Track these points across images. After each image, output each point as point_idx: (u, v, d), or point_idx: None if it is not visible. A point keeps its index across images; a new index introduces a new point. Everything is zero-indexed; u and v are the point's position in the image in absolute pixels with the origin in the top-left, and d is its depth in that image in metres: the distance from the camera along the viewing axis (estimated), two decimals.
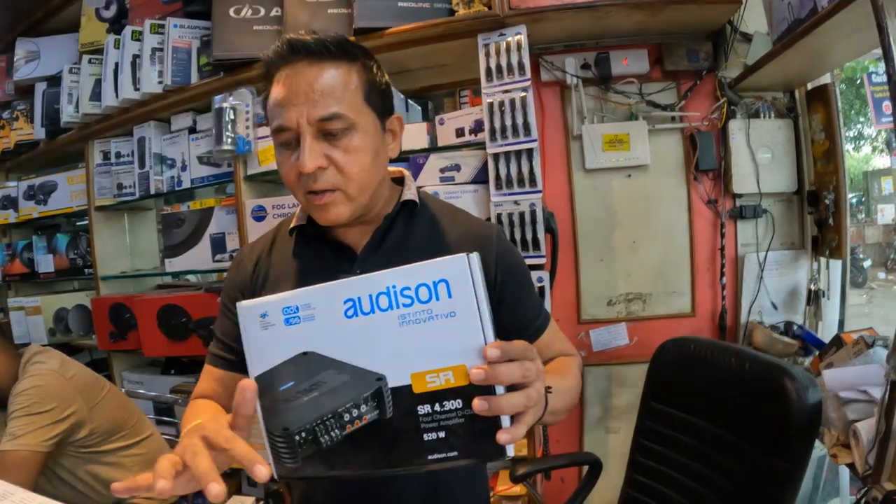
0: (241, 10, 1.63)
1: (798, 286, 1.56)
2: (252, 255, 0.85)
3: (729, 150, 1.54)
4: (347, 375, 0.53)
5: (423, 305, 0.51)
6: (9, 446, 1.21)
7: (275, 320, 0.55)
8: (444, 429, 0.52)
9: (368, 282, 0.53)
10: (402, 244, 0.79)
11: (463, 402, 0.51)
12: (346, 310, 0.53)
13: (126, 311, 1.89)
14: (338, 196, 0.72)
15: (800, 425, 0.93)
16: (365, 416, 0.53)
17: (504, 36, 1.43)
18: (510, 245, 0.86)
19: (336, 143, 0.70)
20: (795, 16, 1.30)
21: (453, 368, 0.51)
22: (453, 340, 0.51)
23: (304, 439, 0.54)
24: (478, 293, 0.50)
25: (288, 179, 0.73)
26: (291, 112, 0.69)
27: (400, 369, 0.52)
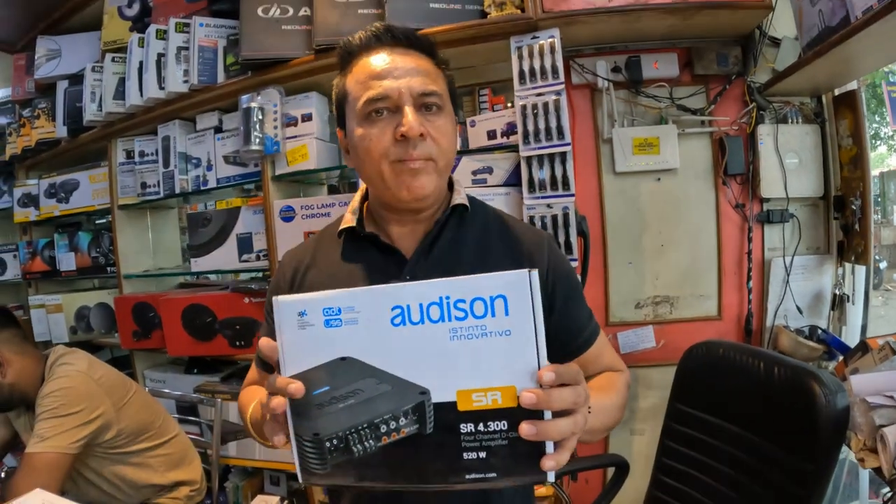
0: (269, 9, 1.62)
1: (823, 291, 1.58)
2: (291, 262, 0.84)
3: (757, 155, 1.55)
4: (388, 386, 0.51)
5: (477, 321, 0.49)
6: (37, 448, 1.21)
7: (314, 320, 0.52)
8: (486, 449, 0.50)
9: (420, 290, 0.50)
10: (452, 249, 0.78)
11: (508, 424, 0.49)
12: (392, 317, 0.50)
13: (150, 310, 1.89)
14: (430, 165, 0.73)
15: (828, 429, 0.94)
16: (403, 429, 0.51)
17: (537, 39, 1.44)
18: (561, 253, 0.85)
19: (432, 119, 0.73)
20: (826, 23, 1.31)
21: (502, 389, 0.49)
22: (505, 360, 0.49)
23: (336, 447, 0.52)
24: (536, 313, 0.48)
25: (376, 149, 0.72)
26: (392, 83, 0.71)
27: (445, 384, 0.50)
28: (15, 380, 1.33)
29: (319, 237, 0.87)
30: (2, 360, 1.32)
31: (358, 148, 0.74)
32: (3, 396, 1.33)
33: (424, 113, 0.73)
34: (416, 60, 0.74)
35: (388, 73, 0.71)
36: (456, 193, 0.81)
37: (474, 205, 0.83)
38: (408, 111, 0.71)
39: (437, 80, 0.75)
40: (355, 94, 0.74)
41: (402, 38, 0.74)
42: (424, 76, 0.73)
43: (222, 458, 1.80)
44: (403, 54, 0.74)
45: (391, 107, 0.72)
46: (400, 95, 0.71)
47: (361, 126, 0.73)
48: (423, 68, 0.73)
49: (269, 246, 1.69)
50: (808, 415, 0.96)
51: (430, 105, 0.73)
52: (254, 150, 1.62)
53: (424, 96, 0.72)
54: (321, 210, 1.63)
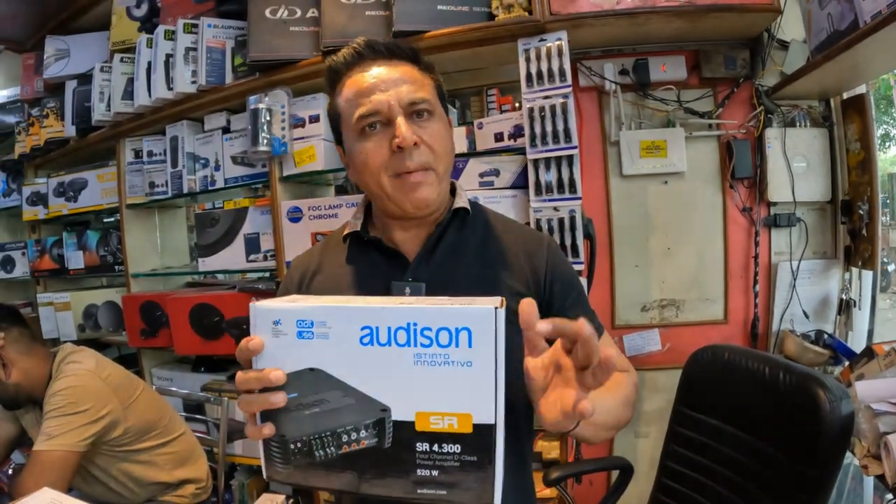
0: (277, 10, 1.63)
1: (829, 295, 1.57)
2: (299, 267, 0.86)
3: (765, 159, 1.55)
4: (352, 399, 0.53)
5: (440, 349, 0.51)
6: (45, 446, 1.23)
7: (287, 330, 0.54)
8: (438, 468, 0.53)
9: (389, 313, 0.52)
10: (453, 252, 0.80)
11: (461, 448, 0.52)
12: (361, 336, 0.53)
13: (157, 309, 1.91)
14: (430, 176, 0.75)
15: (832, 435, 0.94)
16: (363, 440, 0.54)
17: (544, 41, 1.44)
18: (561, 255, 0.86)
19: (424, 125, 0.74)
20: (835, 27, 1.31)
21: (459, 416, 0.51)
22: (464, 389, 0.51)
23: (299, 449, 0.55)
24: (498, 348, 0.50)
25: (373, 163, 0.74)
26: (381, 97, 0.72)
27: (406, 404, 0.53)
28: (20, 379, 1.34)
29: (326, 242, 0.88)
30: (6, 361, 1.34)
31: (357, 163, 0.76)
32: (9, 395, 1.35)
33: (416, 120, 0.74)
34: (400, 70, 0.75)
35: (375, 88, 0.73)
36: (458, 197, 0.83)
37: (475, 208, 0.84)
38: (400, 122, 0.72)
39: (425, 87, 0.76)
40: (347, 113, 0.76)
41: (383, 51, 0.76)
42: (411, 84, 0.74)
43: (228, 456, 1.81)
44: (388, 65, 0.75)
45: (383, 120, 0.73)
46: (390, 108, 0.72)
47: (357, 142, 0.75)
48: (409, 77, 0.75)
49: (276, 246, 1.70)
50: (812, 421, 0.96)
51: (420, 112, 0.74)
52: (262, 151, 1.63)
53: (414, 104, 0.73)
54: (328, 211, 1.63)
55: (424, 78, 0.78)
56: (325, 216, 1.63)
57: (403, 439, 0.53)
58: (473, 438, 0.51)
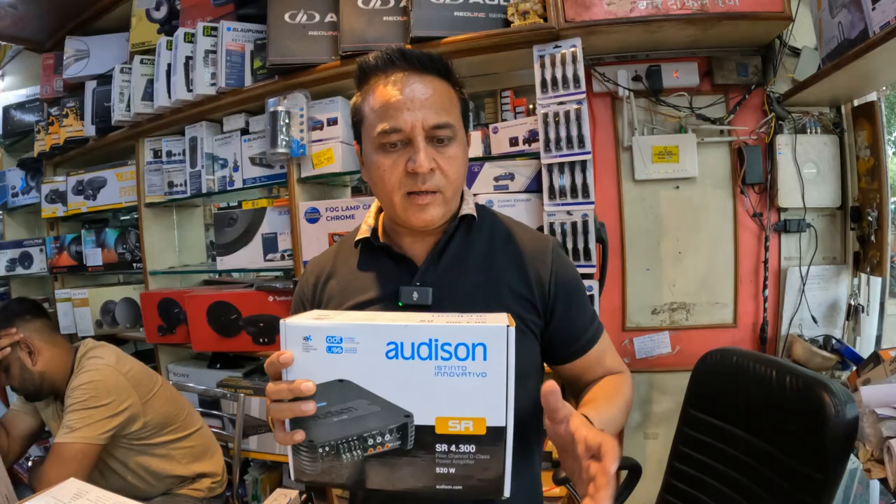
0: (296, 15, 1.66)
1: (838, 301, 1.59)
2: (314, 270, 0.89)
3: (776, 165, 1.57)
4: (378, 407, 0.59)
5: (459, 362, 0.58)
6: (66, 439, 1.26)
7: (317, 345, 0.59)
8: (455, 466, 0.59)
9: (413, 330, 0.58)
10: (460, 258, 0.83)
11: (476, 448, 0.59)
12: (387, 351, 0.58)
13: (175, 306, 1.94)
14: (438, 198, 0.77)
15: (836, 439, 0.96)
16: (387, 443, 0.60)
17: (559, 48, 1.46)
18: (566, 258, 0.89)
19: (442, 150, 0.76)
20: (845, 35, 1.32)
21: (474, 419, 0.58)
22: (479, 396, 0.58)
23: (327, 452, 0.60)
24: (509, 360, 0.57)
25: (389, 179, 0.76)
26: (406, 115, 0.73)
27: (427, 411, 0.59)
28: (45, 368, 1.38)
29: (339, 246, 0.91)
30: (33, 349, 1.38)
31: (372, 173, 0.79)
32: (34, 384, 1.39)
33: (436, 145, 0.76)
34: (430, 86, 0.75)
35: (401, 105, 0.73)
36: (464, 203, 0.85)
37: (482, 214, 0.87)
38: (419, 146, 0.74)
39: (451, 107, 0.77)
40: (370, 121, 0.77)
41: (416, 63, 0.76)
42: (437, 108, 0.75)
43: (243, 451, 1.85)
44: (419, 80, 0.75)
45: (404, 139, 0.74)
46: (412, 129, 0.73)
47: (376, 154, 0.77)
48: (437, 95, 0.76)
49: (293, 246, 1.73)
50: (817, 424, 0.98)
51: (441, 138, 0.75)
52: (280, 152, 1.66)
53: (436, 129, 0.75)
54: (345, 212, 1.66)
55: (452, 95, 0.79)
56: (343, 217, 1.67)
57: (424, 442, 0.59)
58: (487, 439, 0.58)
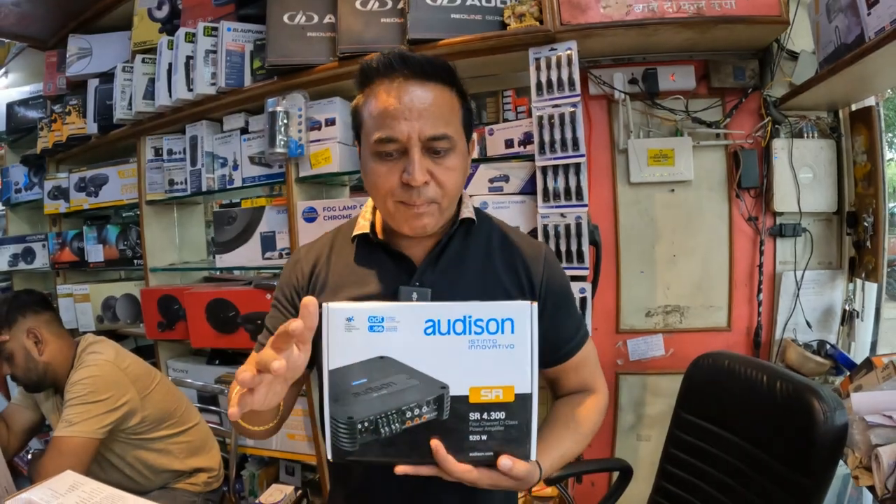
0: (294, 16, 1.67)
1: (833, 306, 1.59)
2: (309, 258, 0.88)
3: (772, 169, 1.57)
4: (416, 381, 0.63)
5: (490, 336, 0.63)
6: (65, 433, 1.28)
7: (359, 325, 0.63)
8: (487, 433, 0.64)
9: (449, 308, 0.64)
10: (458, 260, 0.84)
11: (506, 414, 0.64)
12: (426, 328, 0.63)
13: (175, 303, 1.96)
14: (433, 208, 0.77)
15: (825, 445, 0.97)
16: (425, 415, 0.64)
17: (555, 51, 1.47)
18: (557, 265, 0.91)
19: (439, 161, 0.75)
20: (842, 40, 1.32)
21: (503, 388, 0.64)
22: (508, 365, 0.63)
23: (366, 428, 0.64)
24: (533, 334, 0.64)
25: (382, 187, 0.76)
26: (403, 125, 0.72)
27: (461, 382, 0.63)
28: (50, 359, 1.41)
29: (334, 238, 0.90)
30: (40, 338, 1.40)
31: (367, 179, 0.79)
32: (38, 374, 1.41)
33: (433, 156, 0.74)
34: (431, 94, 0.74)
35: (399, 114, 0.72)
36: (463, 206, 0.86)
37: (480, 217, 0.88)
38: (415, 158, 0.73)
39: (451, 118, 0.76)
40: (368, 127, 0.76)
41: (418, 68, 0.74)
42: (436, 118, 0.73)
43: (240, 447, 1.87)
44: (419, 86, 0.73)
45: (400, 148, 0.74)
46: (409, 139, 0.72)
47: (371, 160, 0.76)
48: (437, 106, 0.74)
49: (291, 245, 1.75)
50: (806, 430, 0.99)
51: (437, 149, 0.74)
52: (278, 152, 1.67)
53: (433, 140, 0.73)
54: (343, 212, 1.68)
55: (454, 103, 0.77)
56: (340, 217, 1.68)
57: (459, 411, 0.64)
58: (515, 405, 0.64)
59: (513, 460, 0.64)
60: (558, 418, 0.87)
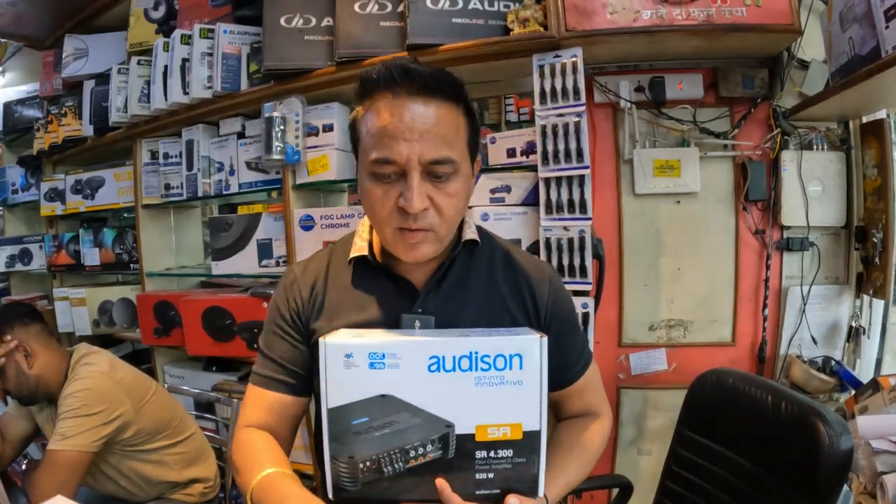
0: (291, 19, 1.63)
1: (839, 322, 1.56)
2: (306, 279, 0.83)
3: (780, 181, 1.53)
4: (420, 419, 0.61)
5: (497, 372, 0.61)
6: (59, 446, 1.27)
7: (359, 362, 0.61)
8: (494, 471, 0.62)
9: (455, 344, 0.61)
10: (461, 284, 0.81)
11: (513, 452, 0.62)
12: (429, 364, 0.61)
13: (171, 309, 1.94)
14: (430, 235, 0.72)
15: (829, 469, 0.95)
16: (429, 454, 0.62)
17: (559, 58, 1.43)
18: (562, 288, 0.88)
19: (440, 186, 0.70)
20: (856, 51, 1.28)
21: (511, 425, 0.62)
22: (516, 403, 0.61)
23: (368, 467, 0.62)
24: (543, 369, 0.62)
25: (379, 212, 0.71)
26: (402, 147, 0.67)
27: (467, 420, 0.62)
28: (41, 372, 1.38)
29: (330, 258, 0.86)
30: (30, 352, 1.38)
31: (364, 198, 0.74)
32: (30, 388, 1.39)
33: (433, 180, 0.69)
34: (434, 112, 0.68)
35: (399, 134, 0.67)
36: (466, 227, 0.82)
37: (483, 238, 0.84)
38: (413, 183, 0.67)
39: (455, 139, 0.70)
40: (366, 145, 0.71)
41: (421, 84, 0.68)
42: (438, 140, 0.68)
43: None
44: (422, 103, 0.68)
45: (398, 171, 0.68)
46: (408, 162, 0.67)
47: (369, 181, 0.71)
48: (440, 126, 0.68)
49: (288, 253, 1.72)
50: (811, 453, 0.97)
51: (439, 174, 0.69)
52: (275, 159, 1.64)
53: (434, 164, 0.68)
54: (340, 220, 1.65)
55: (459, 121, 0.71)
56: (337, 225, 1.65)
57: (465, 450, 0.62)
58: (523, 443, 0.62)
59: (520, 499, 0.62)
60: (563, 444, 0.85)
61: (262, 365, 0.83)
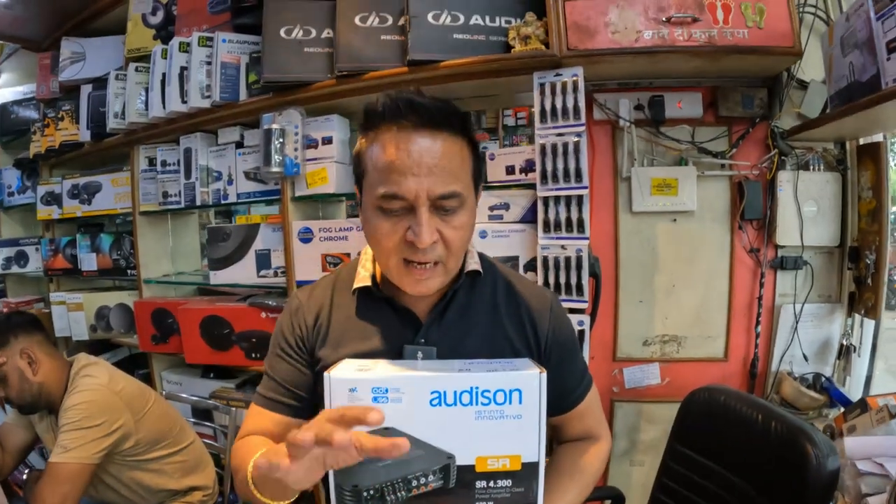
0: (291, 30, 1.62)
1: (831, 339, 1.58)
2: (311, 307, 0.85)
3: (776, 201, 1.54)
4: (422, 451, 0.63)
5: (497, 406, 0.63)
6: (60, 459, 1.28)
7: (363, 396, 0.63)
8: (493, 499, 0.65)
9: (456, 379, 0.64)
10: (463, 314, 0.82)
11: (512, 482, 0.65)
12: (431, 399, 0.63)
13: (169, 317, 1.95)
14: (438, 269, 0.74)
15: (816, 489, 0.98)
16: (431, 483, 0.64)
17: (560, 76, 1.43)
18: (563, 315, 0.90)
19: (447, 219, 0.71)
20: (856, 77, 1.29)
21: (510, 457, 0.64)
22: (516, 435, 0.64)
23: (371, 496, 0.63)
24: (542, 404, 0.64)
25: (386, 245, 0.72)
26: (411, 182, 0.67)
27: (468, 452, 0.64)
28: (44, 379, 1.40)
29: (333, 287, 0.87)
30: (34, 359, 1.39)
31: (369, 232, 0.75)
32: (32, 395, 1.40)
33: (441, 214, 0.71)
34: (441, 146, 0.69)
35: (407, 169, 0.68)
36: (469, 257, 0.84)
37: (485, 267, 0.86)
38: (422, 219, 0.68)
39: (461, 172, 0.72)
40: (372, 179, 0.72)
41: (426, 117, 0.69)
42: (445, 175, 0.69)
43: None
44: (429, 137, 0.69)
45: (406, 206, 0.69)
46: (416, 198, 0.68)
47: (374, 215, 0.72)
48: (447, 160, 0.69)
49: (286, 264, 1.72)
50: (798, 473, 1.00)
51: (446, 208, 0.70)
52: (274, 171, 1.64)
53: (443, 199, 0.69)
54: (339, 233, 1.65)
55: (465, 153, 0.73)
56: (336, 238, 1.66)
57: (465, 480, 0.65)
58: (522, 473, 0.65)
59: None
60: (563, 468, 0.87)
61: (266, 386, 0.85)
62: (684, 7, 1.40)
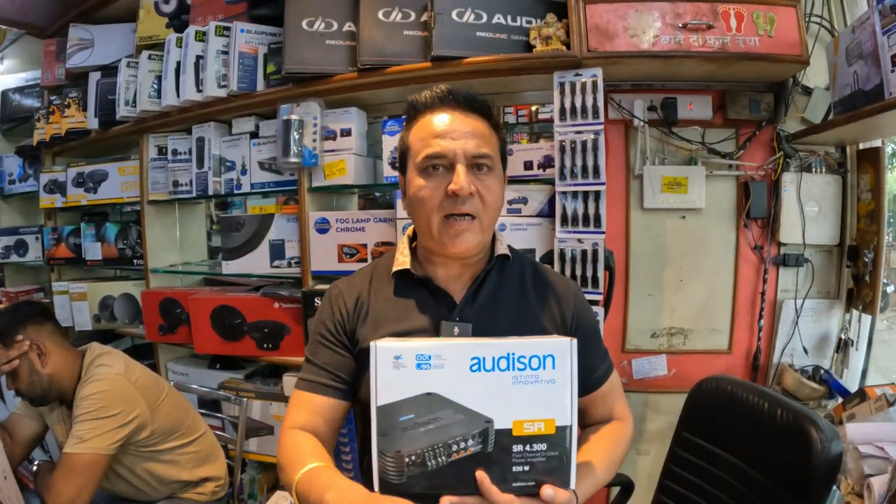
0: (313, 22, 1.63)
1: (829, 334, 1.66)
2: (351, 292, 0.91)
3: (780, 201, 1.61)
4: (462, 415, 0.66)
5: (532, 371, 0.66)
6: (76, 449, 1.26)
7: (407, 363, 0.66)
8: (529, 464, 0.67)
9: (494, 346, 0.67)
10: (495, 295, 0.88)
11: (547, 446, 0.67)
12: (471, 365, 0.66)
13: (177, 307, 1.93)
14: (475, 224, 0.82)
15: (820, 472, 1.02)
16: (470, 448, 0.66)
17: (580, 76, 1.47)
18: (585, 302, 0.97)
19: (481, 177, 0.82)
20: (860, 86, 1.36)
21: (545, 420, 0.67)
22: (550, 399, 0.66)
23: (413, 462, 0.66)
24: (573, 368, 0.67)
25: (430, 201, 0.82)
26: (450, 143, 0.81)
27: (505, 416, 0.66)
28: (53, 371, 1.37)
29: (372, 273, 0.94)
30: (43, 350, 1.36)
31: (413, 196, 0.84)
32: (42, 387, 1.37)
33: (476, 172, 0.82)
34: (473, 123, 0.83)
35: (446, 134, 0.81)
36: (499, 243, 0.91)
37: (514, 254, 0.93)
38: (460, 170, 0.80)
39: (490, 143, 0.84)
40: (416, 149, 0.84)
41: (462, 102, 0.84)
42: (479, 139, 0.82)
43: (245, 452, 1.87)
44: (463, 116, 0.83)
45: (446, 164, 0.81)
46: (455, 155, 0.80)
47: (419, 177, 0.83)
48: (479, 131, 0.83)
49: (302, 255, 1.73)
50: (804, 457, 1.04)
51: (481, 165, 0.82)
52: (292, 161, 1.65)
53: (477, 158, 0.81)
54: (356, 224, 1.67)
55: (492, 135, 0.85)
56: (353, 229, 1.67)
57: (503, 444, 0.67)
58: (556, 437, 0.67)
59: (555, 489, 0.67)
60: (591, 448, 0.90)
61: (308, 371, 0.90)
62: (700, 14, 1.46)
